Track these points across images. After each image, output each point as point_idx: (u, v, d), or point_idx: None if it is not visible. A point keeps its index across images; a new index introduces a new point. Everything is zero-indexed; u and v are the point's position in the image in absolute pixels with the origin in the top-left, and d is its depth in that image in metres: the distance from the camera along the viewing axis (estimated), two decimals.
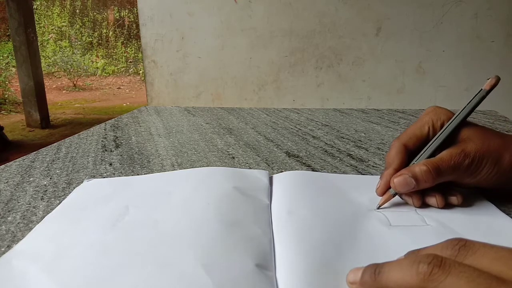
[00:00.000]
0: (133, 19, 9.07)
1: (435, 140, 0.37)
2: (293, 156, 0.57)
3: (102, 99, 7.20)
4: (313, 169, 0.51)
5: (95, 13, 9.39)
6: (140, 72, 8.29)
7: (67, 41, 9.10)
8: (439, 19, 1.51)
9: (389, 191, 0.37)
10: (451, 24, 1.50)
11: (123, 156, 0.57)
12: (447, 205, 0.37)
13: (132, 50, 9.19)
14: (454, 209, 0.36)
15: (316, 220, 0.34)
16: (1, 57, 7.82)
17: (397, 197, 0.38)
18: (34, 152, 0.60)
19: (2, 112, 5.98)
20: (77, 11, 9.35)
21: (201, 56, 1.67)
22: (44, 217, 0.36)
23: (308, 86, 1.65)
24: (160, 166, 0.52)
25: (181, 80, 1.71)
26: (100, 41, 9.33)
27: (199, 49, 1.66)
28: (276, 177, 0.45)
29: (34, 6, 7.85)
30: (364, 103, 1.63)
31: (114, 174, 0.49)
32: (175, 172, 0.48)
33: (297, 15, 1.58)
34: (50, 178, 0.48)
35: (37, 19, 8.69)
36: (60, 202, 0.40)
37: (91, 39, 9.28)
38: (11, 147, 4.08)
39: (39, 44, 5.56)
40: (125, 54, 9.21)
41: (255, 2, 1.59)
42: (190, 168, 0.50)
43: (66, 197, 0.41)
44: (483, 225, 0.34)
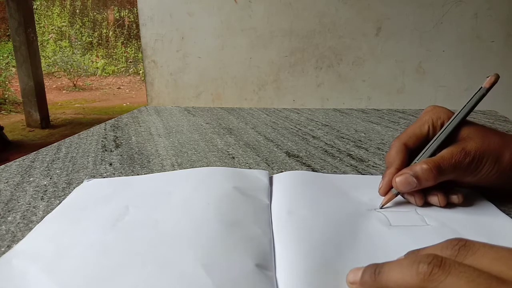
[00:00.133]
0: (133, 19, 9.07)
1: (436, 139, 0.37)
2: (293, 156, 0.57)
3: (102, 99, 7.20)
4: (313, 169, 0.51)
5: (95, 13, 9.39)
6: (140, 72, 8.29)
7: (67, 41, 9.10)
8: (439, 19, 1.51)
9: (392, 191, 0.37)
10: (451, 24, 1.50)
11: (123, 156, 0.57)
12: (448, 205, 0.37)
13: (132, 50, 9.18)
14: (454, 209, 0.36)
15: (316, 220, 0.34)
16: (1, 57, 7.82)
17: (398, 197, 0.38)
18: (34, 152, 0.60)
19: (2, 112, 5.98)
20: (77, 11, 9.35)
21: (201, 56, 1.67)
22: (44, 217, 0.36)
23: (308, 86, 1.65)
24: (160, 166, 0.52)
25: (181, 80, 1.71)
26: (100, 41, 9.33)
27: (199, 49, 1.66)
28: (276, 177, 0.45)
29: (34, 6, 7.85)
30: (364, 103, 1.63)
31: (114, 174, 0.49)
32: (175, 172, 0.48)
33: (297, 15, 1.58)
34: (50, 178, 0.48)
35: (37, 19, 8.69)
36: (60, 202, 0.40)
37: (91, 39, 9.28)
38: (11, 147, 4.08)
39: (39, 44, 5.56)
40: (125, 54, 9.20)
41: (255, 2, 1.59)
42: (190, 168, 0.50)
43: (66, 197, 0.41)
44: (483, 225, 0.34)
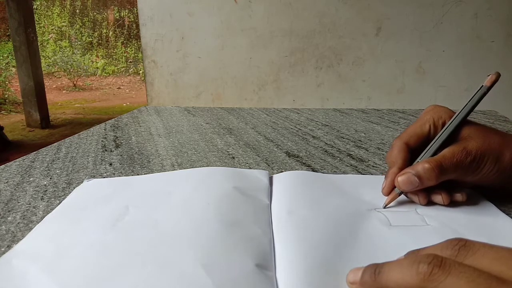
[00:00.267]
0: (133, 19, 9.07)
1: (438, 138, 0.37)
2: (293, 156, 0.57)
3: (102, 99, 7.20)
4: (313, 169, 0.51)
5: (95, 13, 9.39)
6: (140, 72, 8.29)
7: (67, 41, 9.10)
8: (439, 19, 1.51)
9: (395, 190, 0.37)
10: (451, 24, 1.50)
11: (123, 156, 0.57)
12: (449, 205, 0.37)
13: (132, 50, 9.18)
14: (454, 209, 0.37)
15: (316, 220, 0.34)
16: (1, 57, 7.82)
17: (400, 197, 0.38)
18: (34, 152, 0.60)
19: (2, 112, 5.98)
20: (77, 11, 9.34)
21: (201, 56, 1.67)
22: (44, 217, 0.36)
23: (308, 86, 1.65)
24: (160, 166, 0.52)
25: (181, 80, 1.71)
26: (100, 41, 9.33)
27: (199, 49, 1.66)
28: (276, 177, 0.45)
29: (34, 6, 7.84)
30: (364, 103, 1.63)
31: (114, 174, 0.49)
32: (175, 172, 0.48)
33: (297, 15, 1.58)
34: (50, 178, 0.48)
35: (37, 19, 8.69)
36: (60, 202, 0.40)
37: (91, 39, 9.28)
38: (11, 147, 4.08)
39: (39, 44, 5.56)
40: (125, 54, 9.20)
41: (255, 2, 1.59)
42: (190, 168, 0.50)
43: (66, 197, 0.41)
44: (483, 225, 0.34)
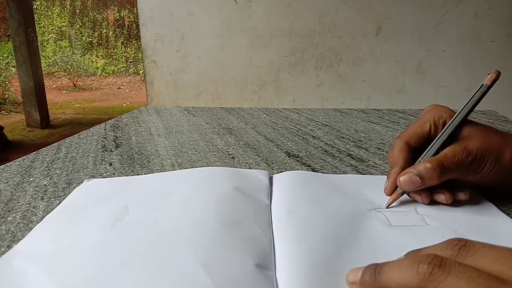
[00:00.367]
0: (133, 19, 9.07)
1: (439, 138, 0.37)
2: (293, 156, 0.57)
3: (102, 99, 7.20)
4: (313, 169, 0.51)
5: (95, 13, 9.39)
6: (140, 72, 8.29)
7: (67, 41, 9.10)
8: (439, 19, 1.51)
9: (397, 190, 0.37)
10: (451, 24, 1.50)
11: (123, 156, 0.57)
12: (450, 204, 0.37)
13: (132, 50, 9.18)
14: (455, 209, 0.37)
15: (316, 220, 0.34)
16: (1, 57, 7.82)
17: (402, 196, 0.38)
18: (34, 152, 0.60)
19: (2, 112, 5.98)
20: (77, 11, 9.34)
21: (201, 56, 1.67)
22: (44, 217, 0.36)
23: (308, 86, 1.65)
24: (160, 166, 0.52)
25: (181, 80, 1.71)
26: (100, 41, 9.33)
27: (199, 49, 1.66)
28: (276, 177, 0.45)
29: (34, 6, 7.84)
30: (364, 103, 1.63)
31: (114, 174, 0.49)
32: (175, 172, 0.48)
33: (297, 15, 1.58)
34: (50, 178, 0.48)
35: (37, 19, 8.69)
36: (60, 202, 0.40)
37: (91, 39, 9.28)
38: (11, 147, 4.08)
39: (39, 44, 5.56)
40: (125, 54, 9.20)
41: (255, 2, 1.59)
42: (190, 168, 0.50)
43: (66, 197, 0.41)
44: (483, 225, 0.34)
